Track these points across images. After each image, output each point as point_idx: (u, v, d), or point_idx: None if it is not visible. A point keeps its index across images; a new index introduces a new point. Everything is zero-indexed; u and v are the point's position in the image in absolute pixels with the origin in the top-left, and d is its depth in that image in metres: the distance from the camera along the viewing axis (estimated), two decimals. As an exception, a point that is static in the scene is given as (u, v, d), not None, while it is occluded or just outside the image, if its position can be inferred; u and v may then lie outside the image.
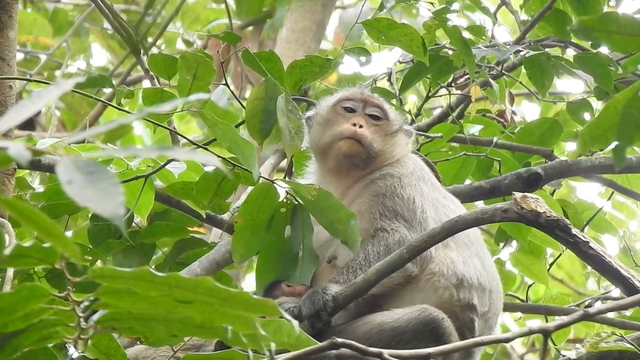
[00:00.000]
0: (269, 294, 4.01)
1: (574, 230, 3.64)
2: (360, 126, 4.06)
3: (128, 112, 4.40)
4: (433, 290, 3.88)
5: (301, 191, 3.95)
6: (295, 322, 2.49)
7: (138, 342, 4.05)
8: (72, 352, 2.59)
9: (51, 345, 2.60)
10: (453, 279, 3.88)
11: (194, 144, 4.28)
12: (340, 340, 2.65)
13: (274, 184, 4.06)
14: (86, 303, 2.48)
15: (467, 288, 3.89)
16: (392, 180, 4.04)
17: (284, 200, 4.08)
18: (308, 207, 3.96)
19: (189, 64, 4.30)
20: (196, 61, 4.30)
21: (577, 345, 3.76)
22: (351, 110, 4.13)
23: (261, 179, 4.01)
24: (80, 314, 2.49)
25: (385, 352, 2.63)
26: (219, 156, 4.02)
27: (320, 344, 2.64)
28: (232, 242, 4.07)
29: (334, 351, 2.65)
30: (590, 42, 4.48)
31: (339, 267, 3.92)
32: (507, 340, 2.75)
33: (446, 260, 3.90)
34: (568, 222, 3.64)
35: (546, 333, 2.67)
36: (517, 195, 3.66)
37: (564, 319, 2.71)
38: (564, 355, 3.76)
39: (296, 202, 4.04)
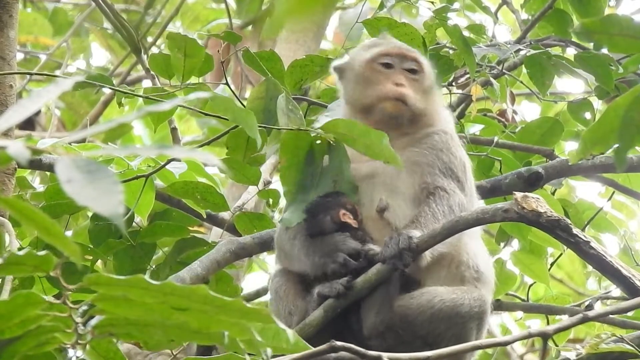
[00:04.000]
0: (335, 201, 3.87)
1: (575, 230, 3.63)
2: (402, 85, 3.96)
3: (137, 95, 4.39)
4: (460, 280, 3.85)
5: (328, 128, 3.84)
6: (290, 331, 2.47)
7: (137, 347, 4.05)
8: (72, 354, 2.59)
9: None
10: (474, 272, 3.86)
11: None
12: (339, 343, 2.64)
13: (301, 130, 3.94)
14: (83, 308, 2.48)
15: (483, 283, 3.87)
16: (445, 137, 3.98)
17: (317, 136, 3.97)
18: (342, 139, 3.85)
19: (177, 43, 4.33)
20: (183, 39, 4.32)
21: (577, 346, 3.75)
22: (389, 66, 4.01)
23: (285, 130, 3.93)
24: (78, 320, 2.49)
25: (385, 355, 2.62)
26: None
27: (318, 348, 2.64)
28: (282, 183, 3.97)
29: (333, 354, 2.65)
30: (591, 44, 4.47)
31: (389, 219, 3.85)
32: (507, 343, 2.75)
33: (470, 251, 3.87)
34: (569, 222, 3.63)
35: (545, 336, 2.66)
36: (518, 195, 3.65)
37: (563, 322, 2.70)
38: (563, 356, 3.75)
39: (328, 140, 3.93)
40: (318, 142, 3.93)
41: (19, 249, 3.77)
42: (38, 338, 2.52)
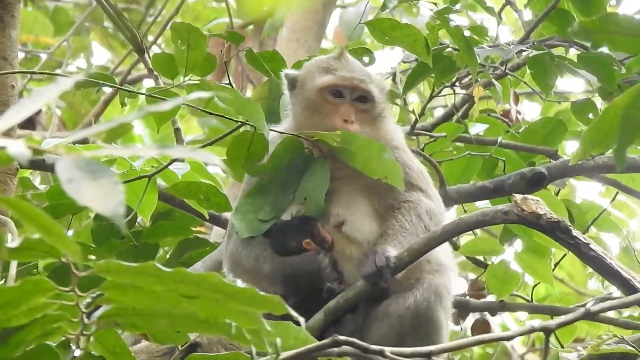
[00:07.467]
0: (304, 228, 3.81)
1: (575, 232, 3.62)
2: (352, 122, 3.82)
3: (141, 94, 4.33)
4: (419, 272, 3.83)
5: (326, 139, 3.75)
6: (302, 319, 2.45)
7: (143, 340, 4.05)
8: (76, 350, 2.59)
9: (55, 344, 2.60)
10: (435, 265, 3.84)
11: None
12: (342, 337, 2.64)
13: (299, 137, 3.85)
14: (89, 299, 2.48)
15: (441, 273, 3.86)
16: (398, 152, 3.89)
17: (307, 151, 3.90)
18: (338, 154, 3.76)
19: (181, 34, 4.27)
20: (186, 30, 4.27)
21: (579, 347, 3.76)
22: (339, 94, 3.87)
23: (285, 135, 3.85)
24: (84, 310, 2.49)
25: (387, 349, 2.62)
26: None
27: (321, 342, 2.64)
28: (247, 173, 3.92)
29: (336, 349, 2.65)
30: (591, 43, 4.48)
31: (349, 234, 3.81)
32: (509, 338, 2.74)
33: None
34: (568, 223, 3.62)
35: (548, 331, 2.66)
36: (518, 197, 3.63)
37: (566, 316, 2.70)
38: (565, 357, 3.76)
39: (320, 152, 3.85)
40: (306, 151, 3.88)
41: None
42: (44, 327, 2.53)
